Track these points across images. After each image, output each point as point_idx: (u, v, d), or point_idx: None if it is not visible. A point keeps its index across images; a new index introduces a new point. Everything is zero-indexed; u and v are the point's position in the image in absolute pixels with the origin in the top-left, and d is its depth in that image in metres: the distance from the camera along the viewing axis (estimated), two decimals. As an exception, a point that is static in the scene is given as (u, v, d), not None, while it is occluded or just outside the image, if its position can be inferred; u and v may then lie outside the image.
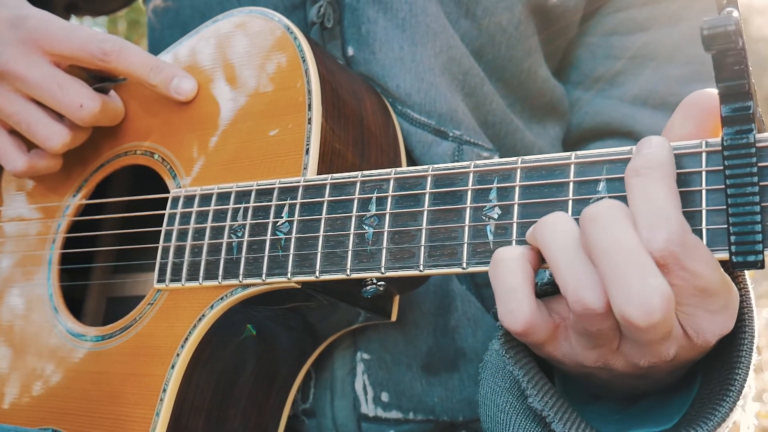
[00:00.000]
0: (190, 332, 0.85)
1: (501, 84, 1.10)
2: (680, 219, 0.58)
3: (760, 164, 0.58)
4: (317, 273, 0.78)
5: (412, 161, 1.03)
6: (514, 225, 0.68)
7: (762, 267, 0.57)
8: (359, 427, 1.00)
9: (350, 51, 1.03)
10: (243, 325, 0.89)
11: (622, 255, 0.57)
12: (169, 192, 0.93)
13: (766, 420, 3.30)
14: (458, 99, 1.05)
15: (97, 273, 1.16)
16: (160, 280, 0.89)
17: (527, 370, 0.69)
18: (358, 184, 0.78)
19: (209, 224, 0.87)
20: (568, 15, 1.11)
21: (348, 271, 0.76)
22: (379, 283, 0.78)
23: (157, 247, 0.90)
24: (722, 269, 0.60)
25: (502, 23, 1.06)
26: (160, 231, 0.91)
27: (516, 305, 0.63)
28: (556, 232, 0.62)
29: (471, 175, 0.72)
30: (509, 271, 0.64)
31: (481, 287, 1.05)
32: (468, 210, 0.71)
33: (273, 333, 0.93)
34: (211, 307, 0.85)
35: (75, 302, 1.12)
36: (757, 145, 0.58)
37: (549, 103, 1.16)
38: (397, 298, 0.94)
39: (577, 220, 0.63)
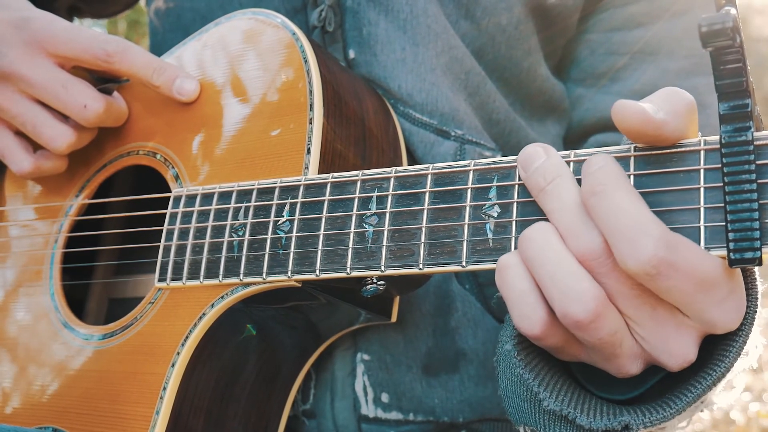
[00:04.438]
0: (190, 331, 0.85)
1: (501, 83, 1.11)
2: (655, 222, 0.59)
3: (758, 162, 0.58)
4: (317, 271, 0.78)
5: (414, 161, 1.03)
6: (514, 223, 0.68)
7: (760, 264, 0.57)
8: (359, 428, 1.01)
9: (351, 54, 1.04)
10: (244, 325, 0.89)
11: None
12: (170, 192, 0.94)
13: (766, 420, 3.29)
14: (461, 98, 1.05)
15: (99, 273, 1.16)
16: (162, 278, 0.89)
17: (537, 371, 0.69)
18: (358, 183, 0.78)
19: (210, 223, 0.87)
20: (567, 14, 1.12)
21: (348, 270, 0.76)
22: (379, 282, 0.78)
23: (159, 246, 0.91)
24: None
25: (501, 23, 1.06)
26: (162, 231, 0.91)
27: (530, 309, 0.64)
28: (534, 246, 0.64)
29: (471, 173, 0.72)
30: (518, 276, 0.65)
31: (484, 287, 1.05)
32: (468, 208, 0.71)
33: (274, 333, 0.93)
34: (212, 305, 0.85)
35: (77, 303, 1.12)
36: (755, 143, 0.58)
37: (549, 102, 1.16)
38: (397, 299, 0.95)
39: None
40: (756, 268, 0.67)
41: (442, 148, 1.02)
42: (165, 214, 0.92)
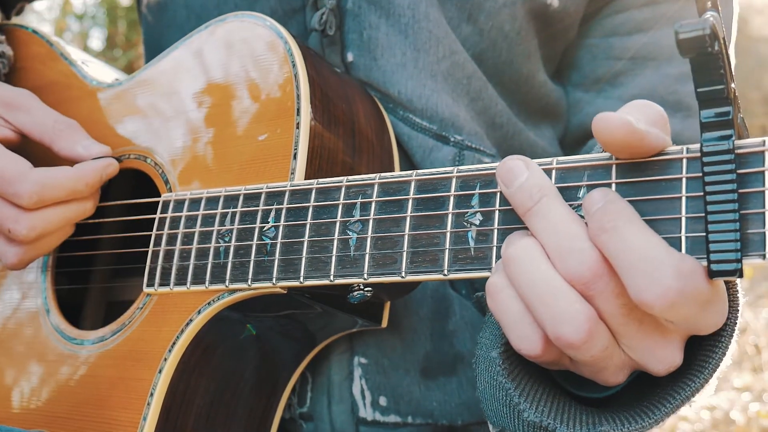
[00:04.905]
0: (177, 337, 0.85)
1: (499, 88, 1.10)
2: (669, 254, 0.58)
3: (739, 171, 0.57)
4: (301, 278, 0.77)
5: (412, 166, 1.02)
6: (495, 231, 0.68)
7: (741, 276, 0.56)
8: (357, 431, 1.00)
9: (350, 57, 1.03)
10: (233, 330, 0.89)
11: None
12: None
13: (766, 420, 3.27)
14: (462, 104, 1.04)
15: (95, 277, 1.16)
16: (150, 284, 0.89)
17: (519, 381, 0.69)
18: (342, 189, 0.77)
19: (198, 229, 0.87)
20: (568, 19, 1.10)
21: (331, 277, 0.76)
22: (366, 288, 0.77)
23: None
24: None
25: (504, 29, 1.05)
26: (150, 235, 0.91)
27: (530, 329, 0.64)
28: (520, 267, 0.63)
29: (454, 180, 0.71)
30: (512, 298, 0.64)
31: (479, 291, 1.04)
32: (450, 216, 0.70)
33: (264, 338, 0.92)
34: (199, 312, 0.85)
35: (75, 307, 1.12)
36: (737, 151, 0.57)
37: (545, 108, 1.15)
38: (387, 304, 0.94)
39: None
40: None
41: (441, 153, 1.01)
42: (153, 218, 0.92)
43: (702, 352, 0.66)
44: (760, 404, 3.42)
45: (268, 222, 0.81)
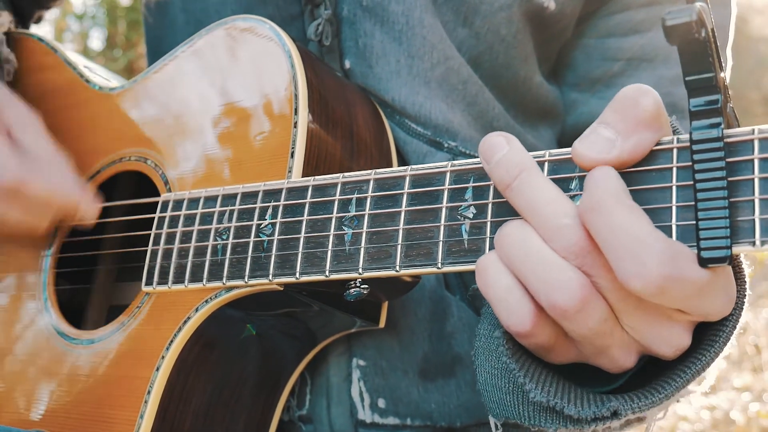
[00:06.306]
0: (175, 334, 0.85)
1: (496, 91, 1.10)
2: (658, 238, 0.58)
3: (728, 159, 0.57)
4: (297, 274, 0.78)
5: None
6: (488, 224, 0.68)
7: (731, 263, 0.56)
8: (356, 432, 1.00)
9: (347, 64, 1.04)
10: (231, 328, 0.89)
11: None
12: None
13: (766, 420, 3.25)
14: (457, 109, 1.05)
15: (96, 278, 1.17)
16: (148, 283, 0.90)
17: (522, 362, 0.68)
18: (339, 186, 0.78)
19: (196, 227, 0.87)
20: (564, 21, 1.11)
21: (327, 272, 0.76)
22: (362, 286, 0.77)
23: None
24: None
25: (500, 32, 1.06)
26: (150, 235, 0.91)
27: (517, 304, 0.63)
28: (512, 241, 0.63)
29: (448, 174, 0.72)
30: (500, 273, 0.64)
31: (475, 299, 1.04)
32: (444, 210, 0.71)
33: (262, 337, 0.93)
34: (196, 309, 0.85)
35: (77, 308, 1.13)
36: (726, 140, 0.57)
37: (542, 109, 1.15)
38: (385, 305, 0.94)
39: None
40: (742, 255, 0.66)
41: (435, 159, 1.02)
42: (153, 218, 0.92)
43: (709, 332, 0.65)
44: (760, 404, 3.40)
45: (265, 219, 0.82)
